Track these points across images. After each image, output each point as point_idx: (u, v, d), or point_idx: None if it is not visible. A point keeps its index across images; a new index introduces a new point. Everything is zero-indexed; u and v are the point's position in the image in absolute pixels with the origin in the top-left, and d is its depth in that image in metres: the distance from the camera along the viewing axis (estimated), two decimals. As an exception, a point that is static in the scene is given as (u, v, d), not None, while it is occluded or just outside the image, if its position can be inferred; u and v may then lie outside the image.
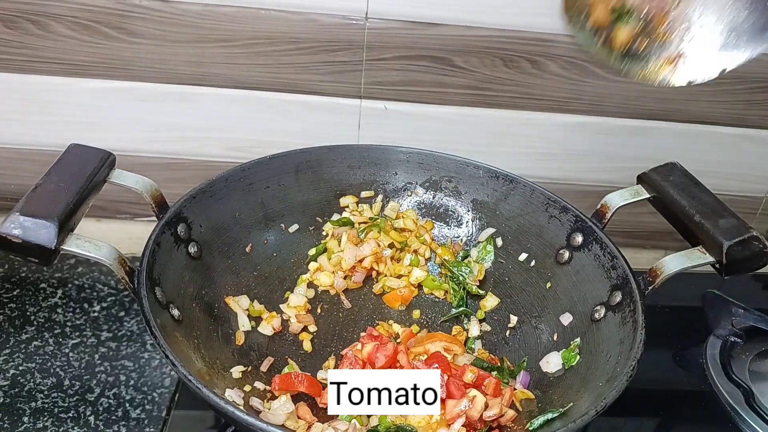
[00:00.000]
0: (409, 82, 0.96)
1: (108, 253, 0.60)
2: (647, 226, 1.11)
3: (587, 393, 0.64)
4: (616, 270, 0.73)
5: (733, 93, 1.00)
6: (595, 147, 1.04)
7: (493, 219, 0.87)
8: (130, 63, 0.92)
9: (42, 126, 0.96)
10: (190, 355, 0.62)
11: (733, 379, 0.87)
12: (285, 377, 0.68)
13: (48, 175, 0.62)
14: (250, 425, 0.50)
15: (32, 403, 0.76)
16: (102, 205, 1.04)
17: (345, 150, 0.87)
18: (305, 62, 0.93)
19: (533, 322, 0.80)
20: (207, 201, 0.76)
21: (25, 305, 0.89)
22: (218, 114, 0.97)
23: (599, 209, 0.79)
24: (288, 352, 0.77)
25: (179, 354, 0.56)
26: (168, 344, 0.55)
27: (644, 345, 0.63)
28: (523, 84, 0.97)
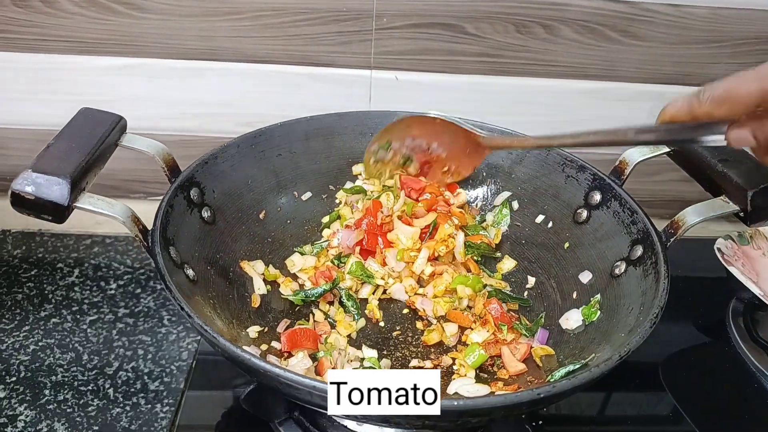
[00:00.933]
0: (420, 51, 0.95)
1: (121, 210, 0.60)
2: (663, 195, 1.09)
3: (609, 345, 0.63)
4: (636, 225, 0.71)
5: (752, 54, 0.98)
6: (610, 113, 1.02)
7: (509, 182, 0.86)
8: (139, 39, 0.92)
9: (53, 105, 0.96)
10: (206, 313, 0.62)
11: (758, 340, 0.86)
12: (293, 333, 0.68)
13: (59, 136, 0.62)
14: (267, 372, 0.49)
15: (52, 377, 0.77)
16: (115, 185, 1.04)
17: (355, 117, 0.86)
18: (314, 33, 0.93)
19: (552, 282, 0.79)
20: (219, 166, 0.76)
21: (42, 284, 0.90)
22: (228, 89, 0.97)
23: (618, 166, 0.77)
24: (304, 315, 0.76)
25: (195, 308, 0.56)
26: (184, 298, 0.55)
27: (667, 294, 0.62)
28: (536, 50, 0.96)
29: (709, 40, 0.96)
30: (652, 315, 0.59)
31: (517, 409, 0.53)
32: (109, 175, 0.88)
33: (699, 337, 0.91)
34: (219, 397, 0.77)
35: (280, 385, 0.50)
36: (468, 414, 0.50)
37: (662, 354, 0.86)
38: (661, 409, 0.79)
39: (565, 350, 0.69)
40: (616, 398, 0.80)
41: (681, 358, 0.86)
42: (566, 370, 0.62)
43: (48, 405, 0.73)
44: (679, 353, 0.87)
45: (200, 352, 0.81)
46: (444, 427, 0.59)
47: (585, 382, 0.53)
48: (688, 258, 0.97)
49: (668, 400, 0.79)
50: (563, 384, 0.52)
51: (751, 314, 0.90)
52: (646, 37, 0.96)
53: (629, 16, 0.93)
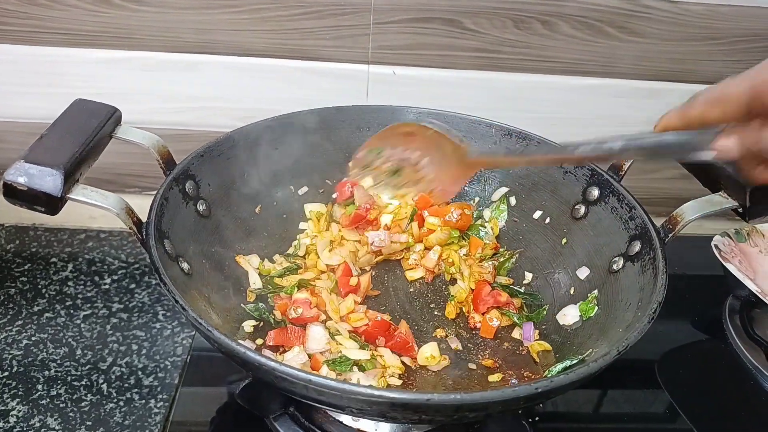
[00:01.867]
0: (418, 46, 0.94)
1: (115, 202, 0.59)
2: (661, 192, 1.09)
3: (606, 341, 0.63)
4: (635, 220, 0.71)
5: (749, 51, 0.98)
6: (607, 111, 1.02)
7: (506, 178, 0.85)
8: (136, 31, 0.92)
9: (47, 98, 0.95)
10: (201, 306, 0.61)
11: (754, 338, 0.86)
12: (280, 331, 0.68)
13: (53, 127, 0.61)
14: (263, 366, 0.49)
15: (45, 372, 0.76)
16: (110, 179, 1.03)
17: (353, 111, 0.85)
18: (311, 27, 0.92)
19: (549, 277, 0.78)
20: (215, 160, 0.75)
21: (36, 279, 0.89)
22: (225, 83, 0.96)
23: (616, 161, 0.77)
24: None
25: (189, 302, 0.55)
26: (178, 291, 0.54)
27: (666, 290, 0.61)
28: (534, 46, 0.95)
29: (706, 37, 0.96)
30: (650, 310, 0.58)
31: (515, 404, 0.53)
32: (104, 169, 0.88)
33: (695, 334, 0.91)
34: (214, 393, 0.76)
35: (276, 379, 0.49)
36: (464, 409, 0.50)
37: (659, 351, 0.86)
38: (657, 407, 0.79)
39: (563, 345, 0.69)
40: (612, 395, 0.80)
41: (677, 355, 0.86)
42: (563, 365, 0.62)
43: (41, 400, 0.73)
44: (676, 351, 0.87)
45: (195, 348, 0.80)
46: (440, 421, 0.58)
47: (582, 377, 0.52)
48: (684, 256, 0.97)
49: (664, 398, 0.79)
50: (561, 379, 0.51)
51: (748, 312, 0.90)
52: (644, 34, 0.95)
53: (627, 12, 0.93)
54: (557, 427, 0.75)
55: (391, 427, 0.68)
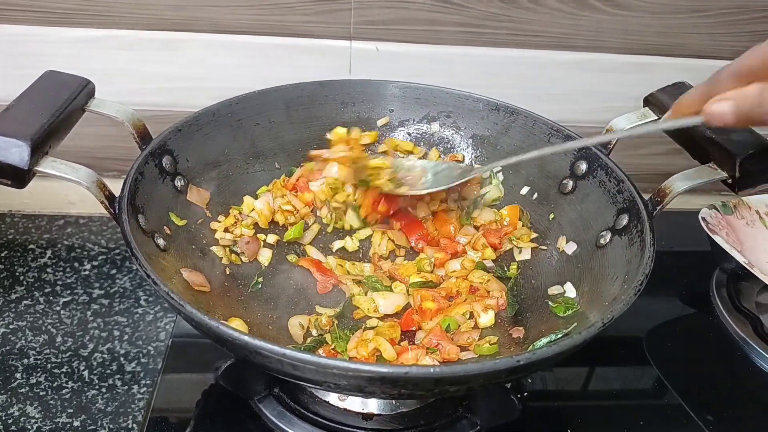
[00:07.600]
0: (401, 21, 0.92)
1: (86, 175, 0.57)
2: (649, 168, 1.08)
3: (593, 313, 0.61)
4: (623, 194, 0.70)
5: (735, 24, 0.97)
6: (594, 86, 1.01)
7: (494, 154, 0.84)
8: (111, 8, 0.89)
9: (20, 80, 0.91)
10: (175, 281, 0.60)
11: (741, 310, 0.86)
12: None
13: (20, 98, 0.59)
14: (236, 340, 0.47)
15: (24, 360, 0.75)
16: (88, 162, 0.99)
17: (337, 85, 0.83)
18: (292, 2, 0.90)
19: (536, 253, 0.77)
20: (194, 135, 0.73)
21: (13, 266, 0.88)
22: (203, 62, 0.94)
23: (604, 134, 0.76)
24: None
25: (163, 276, 0.53)
26: (150, 266, 0.53)
27: (653, 262, 0.60)
28: (520, 20, 0.94)
29: (691, 9, 0.95)
30: (636, 282, 0.57)
31: (496, 377, 0.51)
32: (82, 152, 0.86)
33: (683, 308, 0.90)
34: (197, 378, 0.74)
35: (250, 353, 0.48)
36: (444, 382, 0.48)
37: (646, 327, 0.85)
38: (645, 382, 0.78)
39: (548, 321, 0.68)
40: (600, 372, 0.79)
41: (665, 330, 0.86)
42: (548, 339, 0.60)
43: (20, 389, 0.71)
44: (663, 325, 0.86)
45: (176, 334, 0.79)
46: (421, 396, 0.57)
47: (566, 349, 0.51)
48: (672, 232, 0.97)
49: (652, 373, 0.79)
50: (544, 351, 0.50)
51: (734, 284, 0.89)
52: (629, 7, 0.94)
53: (612, -16, 0.92)
54: (546, 405, 0.75)
55: (379, 405, 0.67)
